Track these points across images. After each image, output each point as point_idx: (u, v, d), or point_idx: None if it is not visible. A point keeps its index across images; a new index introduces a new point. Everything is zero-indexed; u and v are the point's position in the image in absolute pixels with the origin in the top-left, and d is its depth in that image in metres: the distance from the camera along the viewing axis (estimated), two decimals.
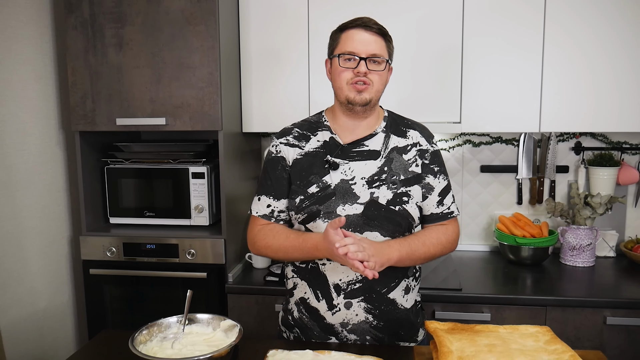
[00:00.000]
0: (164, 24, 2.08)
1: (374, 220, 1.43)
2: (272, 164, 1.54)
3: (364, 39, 1.42)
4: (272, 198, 1.53)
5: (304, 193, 1.46)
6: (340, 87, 1.45)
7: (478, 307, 2.02)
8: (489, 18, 2.19)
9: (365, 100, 1.43)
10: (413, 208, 1.46)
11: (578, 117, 2.19)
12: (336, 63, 1.44)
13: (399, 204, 1.44)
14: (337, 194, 1.44)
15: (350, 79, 1.43)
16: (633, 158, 2.51)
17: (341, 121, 1.51)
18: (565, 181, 2.57)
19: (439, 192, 1.51)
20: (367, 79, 1.42)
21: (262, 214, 1.54)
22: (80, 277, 2.39)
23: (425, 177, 1.50)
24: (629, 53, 2.13)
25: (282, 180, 1.51)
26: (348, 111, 1.47)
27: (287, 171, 1.51)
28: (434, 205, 1.51)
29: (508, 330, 1.27)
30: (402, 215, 1.44)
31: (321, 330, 1.50)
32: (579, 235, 2.31)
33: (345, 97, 1.44)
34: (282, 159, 1.52)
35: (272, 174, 1.53)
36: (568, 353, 1.12)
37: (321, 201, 1.44)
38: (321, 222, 1.44)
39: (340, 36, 1.45)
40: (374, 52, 1.42)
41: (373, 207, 1.43)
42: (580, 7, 2.14)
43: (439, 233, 1.50)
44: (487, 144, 2.59)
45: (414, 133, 1.53)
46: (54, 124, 2.28)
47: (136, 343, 1.29)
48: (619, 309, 1.95)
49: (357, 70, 1.41)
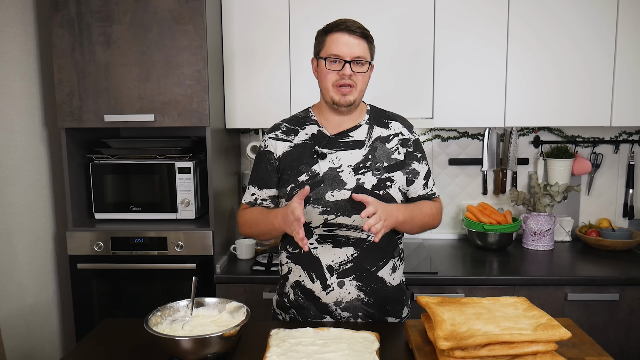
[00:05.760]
0: (152, 23, 2.14)
1: (360, 204, 1.54)
2: (259, 157, 1.70)
3: (348, 42, 1.54)
4: (257, 187, 1.68)
5: (295, 181, 1.59)
6: (326, 88, 1.58)
7: (453, 288, 2.19)
8: (458, 20, 2.35)
9: (350, 101, 1.58)
10: (396, 192, 1.60)
11: (538, 113, 2.39)
12: (322, 65, 1.57)
13: (383, 189, 1.58)
14: (326, 181, 1.57)
15: (335, 80, 1.56)
16: (586, 150, 2.75)
17: (327, 116, 1.64)
18: (526, 172, 2.79)
19: (423, 176, 1.67)
20: (352, 80, 1.55)
21: (248, 201, 1.71)
22: (66, 273, 2.42)
23: (411, 164, 1.65)
24: (583, 52, 2.35)
25: (266, 172, 1.66)
26: (333, 110, 1.61)
27: (272, 164, 1.65)
28: (420, 188, 1.67)
29: (490, 301, 1.42)
30: (386, 199, 1.58)
31: (317, 309, 1.62)
32: (539, 221, 2.52)
33: (330, 98, 1.58)
34: (269, 153, 1.66)
35: (259, 166, 1.69)
36: (545, 317, 1.28)
37: (311, 188, 1.56)
38: (311, 207, 1.56)
39: (326, 39, 1.57)
40: (357, 54, 1.54)
41: (359, 192, 1.56)
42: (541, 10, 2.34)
43: (430, 205, 1.67)
44: (455, 138, 2.77)
45: (395, 124, 1.68)
46: (38, 121, 2.30)
47: (150, 325, 1.37)
48: (577, 285, 2.16)
49: (342, 72, 1.54)
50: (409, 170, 1.65)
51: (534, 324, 1.25)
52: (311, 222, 1.57)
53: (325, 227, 1.57)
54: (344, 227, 1.57)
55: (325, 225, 1.57)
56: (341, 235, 1.57)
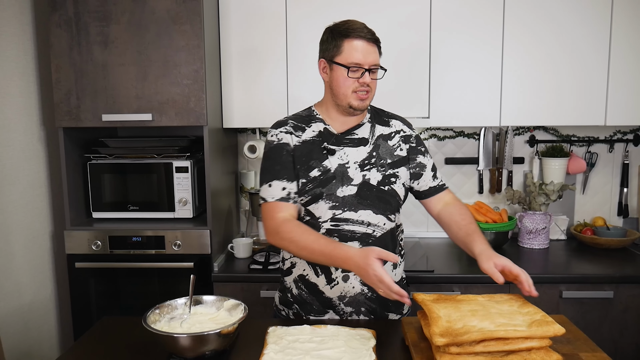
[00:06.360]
0: (150, 23, 2.15)
1: (366, 199, 1.59)
2: (276, 150, 1.63)
3: (365, 49, 1.55)
4: (286, 180, 1.59)
5: (306, 177, 1.60)
6: (345, 95, 1.58)
7: (449, 286, 2.20)
8: (454, 20, 2.37)
9: (366, 106, 1.62)
10: (400, 188, 1.64)
11: (534, 112, 2.41)
12: (341, 72, 1.57)
13: (387, 184, 1.62)
14: (337, 177, 1.59)
15: (355, 87, 1.57)
16: (581, 149, 2.77)
17: (333, 115, 1.66)
18: (521, 171, 2.81)
19: (430, 168, 1.72)
20: (369, 87, 1.58)
21: (279, 197, 1.59)
22: (63, 272, 2.42)
23: (416, 158, 1.69)
24: (578, 51, 2.37)
25: (289, 164, 1.61)
26: (347, 113, 1.63)
27: (291, 155, 1.62)
28: (430, 180, 1.71)
29: (485, 298, 1.44)
30: (391, 194, 1.62)
31: (320, 304, 1.64)
32: (534, 220, 2.54)
33: (348, 104, 1.59)
34: (286, 145, 1.63)
35: (279, 159, 1.61)
36: (539, 314, 1.30)
37: (323, 184, 1.59)
38: (323, 203, 1.58)
39: (343, 44, 1.56)
40: (374, 62, 1.57)
41: (365, 188, 1.60)
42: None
43: (461, 211, 1.69)
44: (451, 137, 2.79)
45: (395, 122, 1.73)
46: (35, 120, 2.31)
47: (148, 322, 1.38)
48: (572, 283, 2.18)
49: (362, 80, 1.56)
50: (415, 165, 1.69)
51: (529, 320, 1.27)
52: (320, 217, 1.60)
53: (333, 222, 1.59)
54: (351, 222, 1.59)
55: (332, 220, 1.59)
56: (348, 230, 1.59)
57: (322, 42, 1.63)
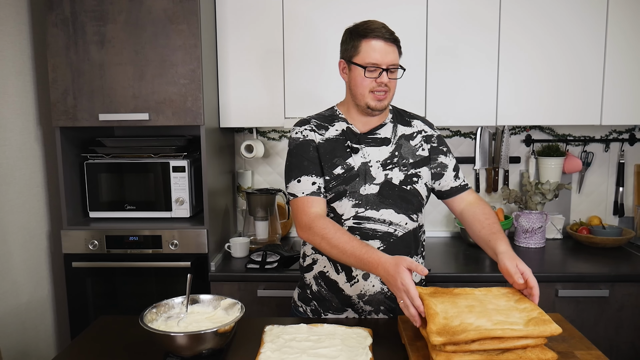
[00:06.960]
0: (147, 23, 2.15)
1: (388, 198, 1.60)
2: (302, 147, 1.64)
3: (384, 49, 1.56)
4: (315, 176, 1.61)
5: (330, 174, 1.61)
6: (362, 94, 1.60)
7: (445, 285, 2.16)
8: (450, 20, 2.37)
9: (384, 106, 1.62)
10: (422, 187, 1.65)
11: (530, 112, 2.42)
12: (359, 72, 1.58)
13: (410, 184, 1.63)
14: (360, 175, 1.61)
15: (372, 87, 1.58)
16: (576, 149, 2.78)
17: (355, 115, 1.67)
18: (518, 171, 2.81)
19: (452, 168, 1.72)
20: (387, 87, 1.59)
21: (310, 191, 1.59)
22: (60, 271, 2.42)
23: (437, 158, 1.70)
24: (574, 51, 2.38)
25: (316, 160, 1.62)
26: (366, 114, 1.64)
27: (317, 152, 1.63)
28: (452, 180, 1.71)
29: (483, 292, 1.44)
30: (413, 194, 1.63)
31: (339, 302, 1.65)
32: (531, 219, 2.55)
33: (366, 104, 1.60)
34: (312, 141, 1.64)
35: (307, 155, 1.62)
36: (536, 310, 1.30)
37: (347, 181, 1.60)
38: (347, 200, 1.59)
39: (361, 44, 1.57)
40: (392, 62, 1.58)
41: (387, 187, 1.61)
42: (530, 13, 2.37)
43: (484, 211, 1.66)
44: (447, 137, 2.79)
45: (417, 122, 1.74)
46: (32, 120, 2.31)
47: (145, 321, 1.38)
48: (568, 282, 2.19)
49: (379, 80, 1.57)
50: (436, 165, 1.70)
51: (526, 317, 1.27)
52: (343, 215, 1.61)
53: (355, 220, 1.61)
54: (372, 221, 1.60)
55: (355, 217, 1.60)
56: (369, 229, 1.61)
57: (342, 42, 1.65)
